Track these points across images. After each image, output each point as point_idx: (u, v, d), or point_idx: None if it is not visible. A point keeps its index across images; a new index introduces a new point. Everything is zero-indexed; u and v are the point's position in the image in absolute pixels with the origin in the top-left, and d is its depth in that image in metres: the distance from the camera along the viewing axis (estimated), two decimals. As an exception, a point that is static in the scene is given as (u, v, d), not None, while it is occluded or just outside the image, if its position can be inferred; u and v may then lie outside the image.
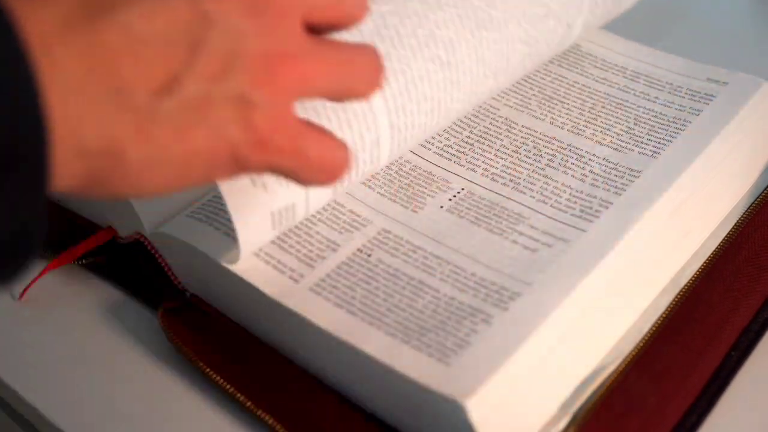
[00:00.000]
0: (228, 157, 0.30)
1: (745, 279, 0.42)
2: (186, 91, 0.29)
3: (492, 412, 0.35)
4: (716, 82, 0.49)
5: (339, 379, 0.39)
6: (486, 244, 0.41)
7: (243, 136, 0.30)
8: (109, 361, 0.42)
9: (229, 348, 0.41)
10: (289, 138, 0.31)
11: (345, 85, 0.33)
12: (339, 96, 0.33)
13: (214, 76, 0.29)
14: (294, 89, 0.31)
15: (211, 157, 0.30)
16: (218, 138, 0.30)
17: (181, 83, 0.28)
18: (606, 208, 0.42)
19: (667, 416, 0.37)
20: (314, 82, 0.31)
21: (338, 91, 0.33)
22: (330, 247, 0.41)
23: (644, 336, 0.40)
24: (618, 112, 0.48)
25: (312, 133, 0.32)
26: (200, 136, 0.29)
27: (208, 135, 0.29)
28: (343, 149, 0.33)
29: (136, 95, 0.28)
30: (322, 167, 0.33)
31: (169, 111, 0.28)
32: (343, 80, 0.33)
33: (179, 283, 0.44)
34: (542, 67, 0.52)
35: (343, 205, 0.43)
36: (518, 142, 0.47)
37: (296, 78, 0.31)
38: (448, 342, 0.36)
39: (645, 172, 0.44)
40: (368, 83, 0.33)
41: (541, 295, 0.38)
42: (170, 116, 0.29)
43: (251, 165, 0.31)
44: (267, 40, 0.30)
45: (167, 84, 0.28)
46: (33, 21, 0.26)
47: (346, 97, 0.33)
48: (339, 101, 0.34)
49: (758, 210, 0.46)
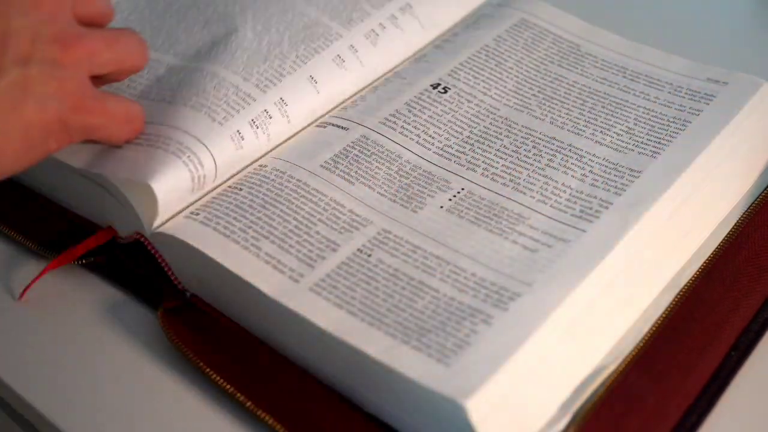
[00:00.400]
0: (57, 124, 0.39)
1: (745, 279, 0.42)
2: (8, 75, 0.37)
3: (492, 412, 0.35)
4: (716, 82, 0.49)
5: (339, 379, 0.39)
6: (486, 245, 0.41)
7: (62, 104, 0.38)
8: (109, 361, 0.42)
9: (229, 348, 0.41)
10: (95, 99, 0.40)
11: (122, 57, 0.41)
12: (120, 67, 0.42)
13: (25, 58, 0.37)
14: (87, 61, 0.39)
15: (44, 126, 0.38)
16: (44, 110, 0.38)
17: (2, 68, 0.37)
18: (606, 208, 0.42)
19: (667, 416, 0.37)
20: (100, 55, 0.40)
21: (118, 61, 0.41)
22: (330, 247, 0.41)
23: (644, 336, 0.40)
24: (618, 112, 0.48)
25: (109, 95, 0.42)
26: (30, 109, 0.37)
27: (36, 108, 0.38)
28: (135, 104, 0.44)
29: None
30: (127, 118, 0.43)
31: (1, 91, 0.37)
32: (120, 53, 0.41)
33: (179, 283, 0.44)
34: (542, 67, 0.52)
35: (343, 205, 0.43)
36: (518, 142, 0.47)
37: (87, 52, 0.39)
38: (448, 342, 0.36)
39: (645, 172, 0.44)
40: (140, 54, 0.42)
41: (541, 296, 0.38)
42: (3, 96, 0.37)
43: (74, 129, 0.40)
44: (54, 25, 0.38)
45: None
46: None
47: (127, 69, 0.42)
48: (122, 75, 0.43)
49: (758, 210, 0.46)
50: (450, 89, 0.50)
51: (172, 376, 0.41)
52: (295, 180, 0.44)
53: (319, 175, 0.45)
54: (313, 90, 0.49)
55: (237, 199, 0.43)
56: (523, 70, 0.51)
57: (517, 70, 0.51)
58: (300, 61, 0.50)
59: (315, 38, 0.51)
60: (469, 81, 0.50)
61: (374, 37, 0.53)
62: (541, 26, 0.54)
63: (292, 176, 0.45)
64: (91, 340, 0.43)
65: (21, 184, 0.50)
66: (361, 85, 0.51)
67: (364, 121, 0.48)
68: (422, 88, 0.50)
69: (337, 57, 0.51)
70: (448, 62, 0.52)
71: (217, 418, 0.39)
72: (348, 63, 0.51)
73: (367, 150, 0.46)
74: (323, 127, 0.48)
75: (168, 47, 0.51)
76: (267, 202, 0.43)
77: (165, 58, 0.50)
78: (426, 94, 0.50)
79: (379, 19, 0.54)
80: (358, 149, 0.46)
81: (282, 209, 0.43)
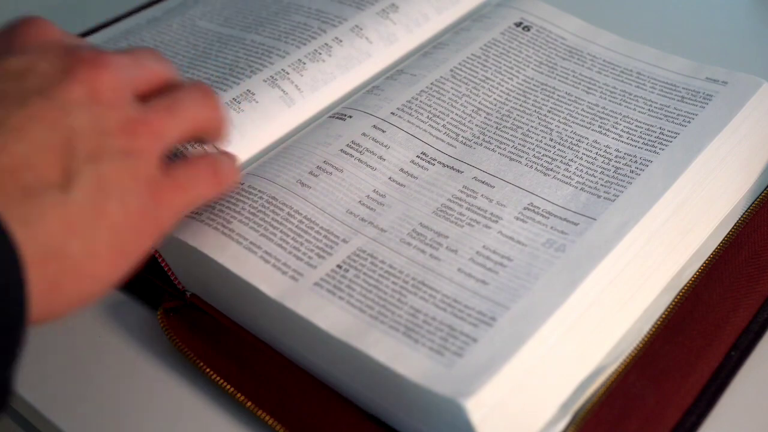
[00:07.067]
0: (142, 219, 0.34)
1: (745, 279, 0.42)
2: (83, 178, 0.32)
3: (492, 412, 0.35)
4: (716, 82, 0.49)
5: (339, 379, 0.39)
6: (486, 245, 0.41)
7: (140, 197, 0.34)
8: (109, 361, 0.42)
9: (229, 348, 0.41)
10: (173, 179, 0.36)
11: (190, 123, 0.37)
12: (194, 132, 0.38)
13: (96, 155, 0.33)
14: (156, 141, 0.35)
15: (131, 225, 0.34)
16: (126, 207, 0.33)
17: (75, 173, 0.32)
18: (606, 208, 0.42)
19: (667, 416, 0.37)
20: (168, 130, 0.36)
21: (188, 130, 0.38)
22: (330, 246, 0.41)
23: (644, 336, 0.40)
24: (617, 113, 0.48)
25: (188, 164, 0.38)
26: (113, 210, 0.33)
27: (119, 207, 0.33)
28: (215, 156, 0.40)
29: (47, 195, 0.31)
30: (214, 177, 0.39)
31: (80, 199, 0.32)
32: (186, 120, 0.37)
33: (179, 283, 0.44)
34: (542, 67, 0.52)
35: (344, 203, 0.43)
36: (517, 141, 0.47)
37: (154, 133, 0.35)
38: (448, 343, 0.36)
39: (644, 172, 0.44)
40: (209, 110, 0.39)
41: (542, 296, 0.38)
42: (84, 202, 0.32)
43: (162, 218, 0.35)
44: (117, 113, 0.34)
45: (65, 178, 0.32)
46: None
47: (201, 131, 0.39)
48: (203, 137, 0.40)
49: (758, 210, 0.46)
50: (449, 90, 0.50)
51: (172, 376, 0.41)
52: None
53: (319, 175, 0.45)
54: None
55: (239, 198, 0.43)
56: (521, 71, 0.51)
57: (517, 70, 0.51)
58: None
59: None
60: (468, 81, 0.50)
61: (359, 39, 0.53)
62: (540, 26, 0.54)
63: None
64: (91, 340, 0.43)
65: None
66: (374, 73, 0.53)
67: (377, 112, 0.48)
68: (419, 90, 0.50)
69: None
70: (442, 64, 0.51)
71: (217, 418, 0.39)
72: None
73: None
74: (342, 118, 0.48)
75: None
76: (269, 201, 0.43)
77: None
78: (426, 94, 0.50)
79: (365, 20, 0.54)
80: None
81: (286, 211, 0.43)
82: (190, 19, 0.57)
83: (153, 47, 0.50)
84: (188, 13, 0.58)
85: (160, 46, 0.55)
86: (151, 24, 0.58)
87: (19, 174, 0.31)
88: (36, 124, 0.32)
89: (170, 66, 0.39)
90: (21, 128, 0.31)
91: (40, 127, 0.32)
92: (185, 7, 0.59)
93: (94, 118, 0.33)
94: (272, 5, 0.57)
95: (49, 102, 0.32)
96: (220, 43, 0.54)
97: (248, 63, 0.51)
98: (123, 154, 0.34)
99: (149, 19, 0.58)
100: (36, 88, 0.33)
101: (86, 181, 0.32)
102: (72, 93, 0.33)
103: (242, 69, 0.51)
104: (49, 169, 0.31)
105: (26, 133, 0.31)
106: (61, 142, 0.32)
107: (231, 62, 0.52)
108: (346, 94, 0.51)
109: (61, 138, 0.32)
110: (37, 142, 0.31)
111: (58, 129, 0.32)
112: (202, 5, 0.59)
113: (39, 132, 0.32)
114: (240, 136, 0.47)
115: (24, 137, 0.31)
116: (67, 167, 0.32)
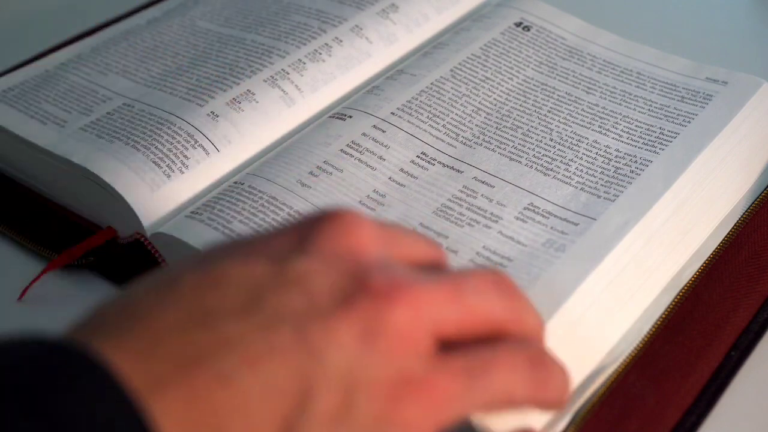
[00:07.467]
0: None
1: (745, 279, 0.42)
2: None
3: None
4: (716, 82, 0.49)
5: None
6: (486, 245, 0.41)
7: None
8: (109, 361, 0.42)
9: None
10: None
11: (504, 396, 0.28)
12: (494, 407, 0.29)
13: (335, 417, 0.25)
14: (432, 416, 0.26)
15: None
16: None
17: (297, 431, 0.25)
18: (606, 208, 0.42)
19: (667, 416, 0.37)
20: (452, 403, 0.27)
21: (490, 404, 0.28)
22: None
23: (644, 336, 0.40)
24: (617, 113, 0.48)
25: None
26: None
27: None
28: None
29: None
30: None
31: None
32: (490, 393, 0.28)
33: (179, 283, 0.43)
34: (542, 67, 0.52)
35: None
36: (517, 140, 0.47)
37: (432, 403, 0.26)
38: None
39: (644, 172, 0.44)
40: (537, 391, 0.29)
41: (542, 296, 0.38)
42: None
43: None
44: (386, 368, 0.26)
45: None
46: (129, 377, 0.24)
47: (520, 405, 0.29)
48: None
49: (758, 210, 0.46)
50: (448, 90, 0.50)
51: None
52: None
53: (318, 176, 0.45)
54: None
55: (239, 198, 0.43)
56: (521, 71, 0.51)
57: (517, 70, 0.51)
58: None
59: None
60: (468, 81, 0.50)
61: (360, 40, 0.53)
62: (540, 26, 0.54)
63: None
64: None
65: (21, 184, 0.50)
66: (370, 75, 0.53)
67: (377, 112, 0.48)
68: (419, 90, 0.50)
69: None
70: (442, 64, 0.51)
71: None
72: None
73: None
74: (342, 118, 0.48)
75: None
76: (269, 201, 0.43)
77: None
78: (426, 94, 0.50)
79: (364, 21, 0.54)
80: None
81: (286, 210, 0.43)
82: (190, 20, 0.57)
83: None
84: (188, 13, 0.58)
85: (160, 46, 0.55)
86: (151, 24, 0.58)
87: (225, 419, 0.24)
88: (273, 357, 0.25)
89: (524, 306, 0.30)
90: (254, 360, 0.25)
91: (277, 364, 0.25)
92: (185, 8, 0.59)
93: (348, 371, 0.25)
94: (272, 5, 0.57)
95: (299, 336, 0.25)
96: (220, 43, 0.54)
97: (248, 63, 0.51)
98: (375, 420, 0.25)
99: (149, 20, 0.58)
100: (294, 311, 0.26)
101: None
102: (337, 332, 0.26)
103: (242, 69, 0.51)
104: (266, 422, 0.25)
105: (257, 367, 0.25)
106: (295, 394, 0.25)
107: (231, 62, 0.52)
108: (346, 94, 0.52)
109: (296, 389, 0.25)
110: (267, 384, 0.25)
111: (298, 376, 0.25)
112: (202, 5, 0.59)
113: (273, 371, 0.25)
114: (240, 136, 0.47)
115: (253, 371, 0.25)
116: (289, 425, 0.25)
